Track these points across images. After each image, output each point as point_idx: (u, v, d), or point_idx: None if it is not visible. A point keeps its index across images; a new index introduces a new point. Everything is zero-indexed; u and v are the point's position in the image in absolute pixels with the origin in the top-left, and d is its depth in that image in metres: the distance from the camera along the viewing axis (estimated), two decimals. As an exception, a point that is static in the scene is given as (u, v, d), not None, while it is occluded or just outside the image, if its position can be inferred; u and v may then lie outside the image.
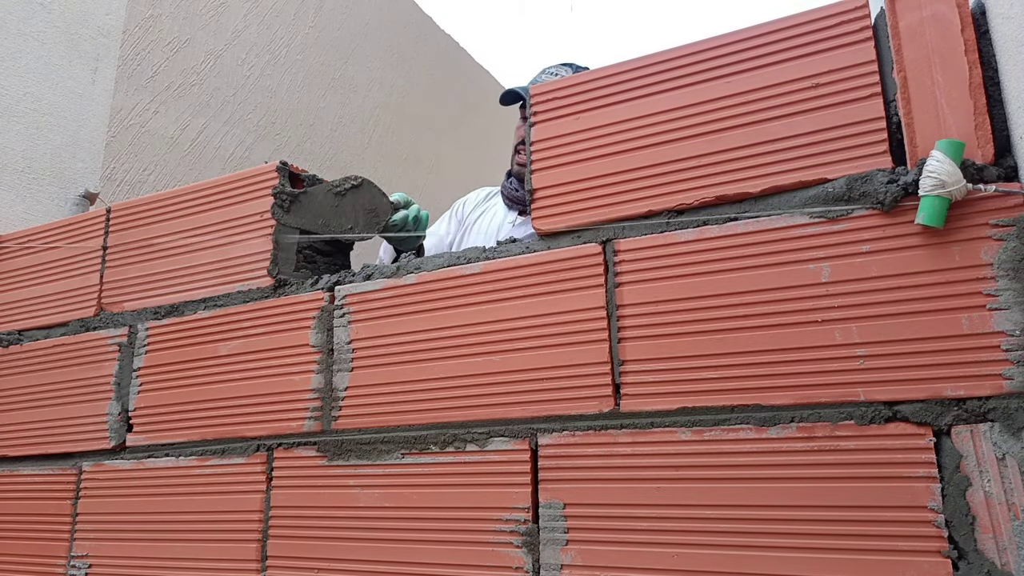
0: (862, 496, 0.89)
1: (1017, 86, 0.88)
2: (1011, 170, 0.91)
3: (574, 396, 1.08)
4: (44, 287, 1.71)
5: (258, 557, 1.28)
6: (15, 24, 2.05)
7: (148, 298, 1.54)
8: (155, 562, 1.38)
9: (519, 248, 1.19)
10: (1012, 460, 0.83)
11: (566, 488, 1.06)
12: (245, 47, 3.04)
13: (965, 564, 0.84)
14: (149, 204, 1.60)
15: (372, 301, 1.28)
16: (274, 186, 1.44)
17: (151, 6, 2.63)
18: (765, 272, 1.00)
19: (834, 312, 0.95)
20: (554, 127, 1.20)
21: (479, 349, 1.16)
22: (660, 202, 1.09)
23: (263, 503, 1.30)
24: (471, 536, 1.11)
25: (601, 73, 1.18)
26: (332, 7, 3.57)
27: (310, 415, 1.29)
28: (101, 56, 2.25)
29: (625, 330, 1.07)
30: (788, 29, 1.05)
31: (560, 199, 1.17)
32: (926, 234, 0.92)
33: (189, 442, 1.41)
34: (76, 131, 2.15)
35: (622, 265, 1.09)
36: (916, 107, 0.95)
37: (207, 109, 2.83)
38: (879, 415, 0.91)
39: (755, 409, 0.97)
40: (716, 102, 1.08)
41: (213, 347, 1.42)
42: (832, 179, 0.98)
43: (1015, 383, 0.85)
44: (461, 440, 1.15)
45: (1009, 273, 0.87)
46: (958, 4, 0.95)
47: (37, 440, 1.60)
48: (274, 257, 1.41)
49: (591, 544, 1.03)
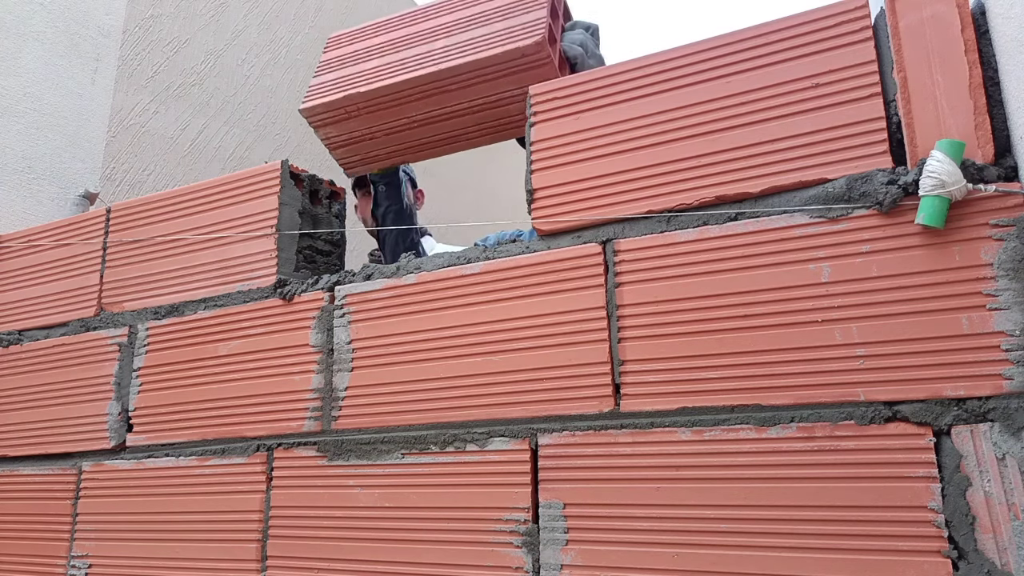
0: (862, 496, 0.89)
1: (1017, 86, 0.89)
2: (1011, 170, 0.91)
3: (574, 396, 1.08)
4: (44, 287, 1.71)
5: (258, 557, 1.28)
6: (15, 24, 2.05)
7: (148, 298, 1.54)
8: (155, 562, 1.38)
9: (519, 248, 1.19)
10: (1012, 460, 0.83)
11: (566, 488, 1.06)
12: (245, 47, 3.04)
13: (965, 564, 0.84)
14: (149, 204, 1.60)
15: (372, 301, 1.28)
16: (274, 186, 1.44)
17: (151, 6, 2.63)
18: (765, 272, 1.00)
19: (834, 312, 0.95)
20: (554, 127, 1.20)
21: (479, 349, 1.17)
22: (660, 202, 1.09)
23: (263, 503, 1.30)
24: (471, 536, 1.11)
25: (601, 73, 1.18)
26: (332, 7, 3.57)
27: (310, 415, 1.29)
28: (101, 56, 2.25)
29: (625, 330, 1.07)
30: (788, 29, 1.05)
31: (560, 199, 1.17)
32: (926, 234, 0.92)
33: (189, 442, 1.41)
34: (76, 131, 2.15)
35: (622, 265, 1.09)
36: (916, 107, 0.95)
37: (207, 109, 2.83)
38: (879, 415, 0.91)
39: (755, 409, 0.97)
40: (716, 102, 1.08)
41: (213, 347, 1.42)
42: (832, 179, 0.99)
43: (1015, 383, 0.85)
44: (461, 440, 1.15)
45: (1009, 273, 0.87)
46: (958, 4, 0.95)
47: (37, 440, 1.60)
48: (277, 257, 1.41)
49: (591, 544, 1.03)
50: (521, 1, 1.36)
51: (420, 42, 1.41)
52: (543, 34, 1.24)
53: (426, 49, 1.38)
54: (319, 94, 1.44)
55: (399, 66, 1.39)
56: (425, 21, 1.45)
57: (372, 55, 1.45)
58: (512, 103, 1.40)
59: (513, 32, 1.32)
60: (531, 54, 1.27)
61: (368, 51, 1.46)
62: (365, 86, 1.39)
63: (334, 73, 1.46)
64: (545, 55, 1.26)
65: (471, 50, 1.34)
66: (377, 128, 1.45)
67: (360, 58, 1.46)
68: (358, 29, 1.53)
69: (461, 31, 1.38)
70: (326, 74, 1.48)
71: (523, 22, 1.32)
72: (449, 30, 1.40)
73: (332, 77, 1.46)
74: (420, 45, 1.40)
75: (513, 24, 1.33)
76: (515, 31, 1.32)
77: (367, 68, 1.42)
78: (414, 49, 1.40)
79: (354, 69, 1.44)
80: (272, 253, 1.41)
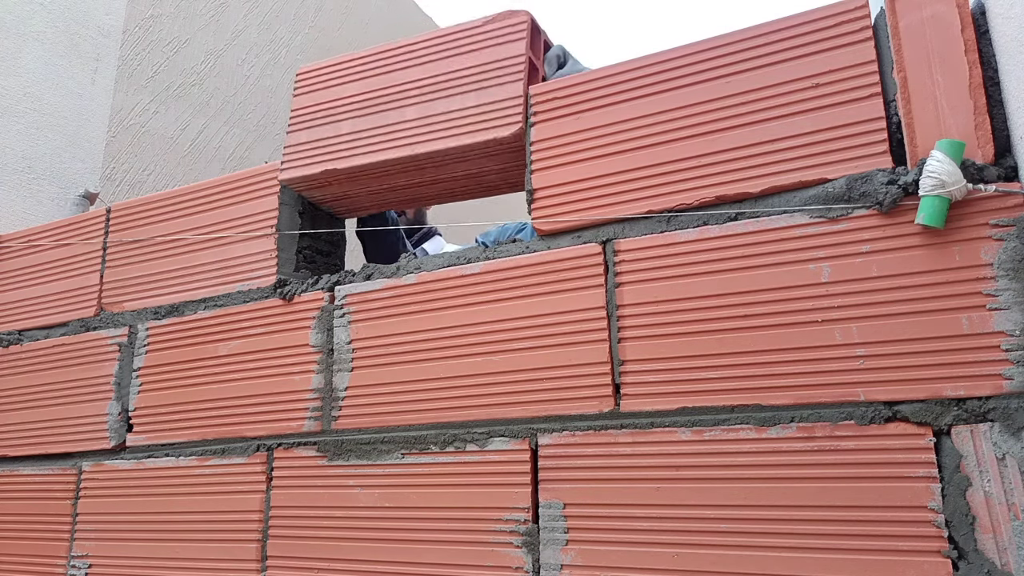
0: (862, 496, 0.89)
1: (1017, 86, 0.88)
2: (1011, 170, 0.91)
3: (574, 396, 1.08)
4: (44, 287, 1.71)
5: (258, 557, 1.28)
6: (15, 24, 2.05)
7: (148, 298, 1.54)
8: (155, 562, 1.38)
9: (519, 248, 1.19)
10: (1012, 460, 0.83)
11: (566, 488, 1.06)
12: (245, 47, 3.04)
13: (965, 564, 0.84)
14: (149, 204, 1.60)
15: (372, 301, 1.28)
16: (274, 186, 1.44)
17: (151, 6, 2.63)
18: (765, 272, 1.00)
19: (834, 312, 0.95)
20: (554, 127, 1.20)
21: (479, 349, 1.17)
22: (660, 202, 1.09)
23: (263, 503, 1.30)
24: (471, 536, 1.11)
25: (601, 73, 1.18)
26: (332, 7, 3.57)
27: (310, 415, 1.29)
28: (101, 56, 2.25)
29: (625, 330, 1.07)
30: (788, 29, 1.05)
31: (560, 199, 1.17)
32: (926, 234, 0.92)
33: (189, 442, 1.41)
34: (76, 131, 2.15)
35: (622, 265, 1.09)
36: (916, 107, 0.95)
37: (207, 109, 2.83)
38: (879, 415, 0.91)
39: (755, 409, 0.97)
40: (716, 102, 1.08)
41: (213, 347, 1.42)
42: (832, 179, 0.99)
43: (1015, 383, 0.85)
44: (461, 440, 1.15)
45: (1009, 273, 0.87)
46: (958, 4, 0.95)
47: (37, 440, 1.60)
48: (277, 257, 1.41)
49: (591, 544, 1.03)
50: (498, 59, 1.27)
51: (393, 103, 1.34)
52: (520, 124, 1.19)
53: (398, 121, 1.32)
54: (297, 161, 1.39)
55: (373, 138, 1.34)
56: (396, 68, 1.37)
57: (345, 112, 1.39)
58: (497, 174, 1.36)
59: (488, 115, 1.24)
60: (509, 142, 1.23)
61: (341, 106, 1.40)
62: (343, 162, 1.33)
63: (308, 132, 1.41)
64: (521, 143, 1.22)
65: (446, 130, 1.27)
66: (361, 191, 1.43)
67: (333, 114, 1.40)
68: (329, 66, 1.45)
69: (434, 95, 1.30)
70: (300, 130, 1.43)
71: (499, 99, 1.24)
72: (421, 91, 1.32)
73: (307, 139, 1.41)
74: (393, 108, 1.33)
75: (488, 102, 1.25)
76: (491, 112, 1.24)
77: (342, 134, 1.37)
78: (387, 114, 1.34)
79: (328, 131, 1.39)
80: (272, 253, 1.41)
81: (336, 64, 1.44)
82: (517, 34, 1.26)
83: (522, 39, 1.25)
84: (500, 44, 1.26)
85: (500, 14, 1.28)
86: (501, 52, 1.26)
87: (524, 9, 1.27)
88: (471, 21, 1.31)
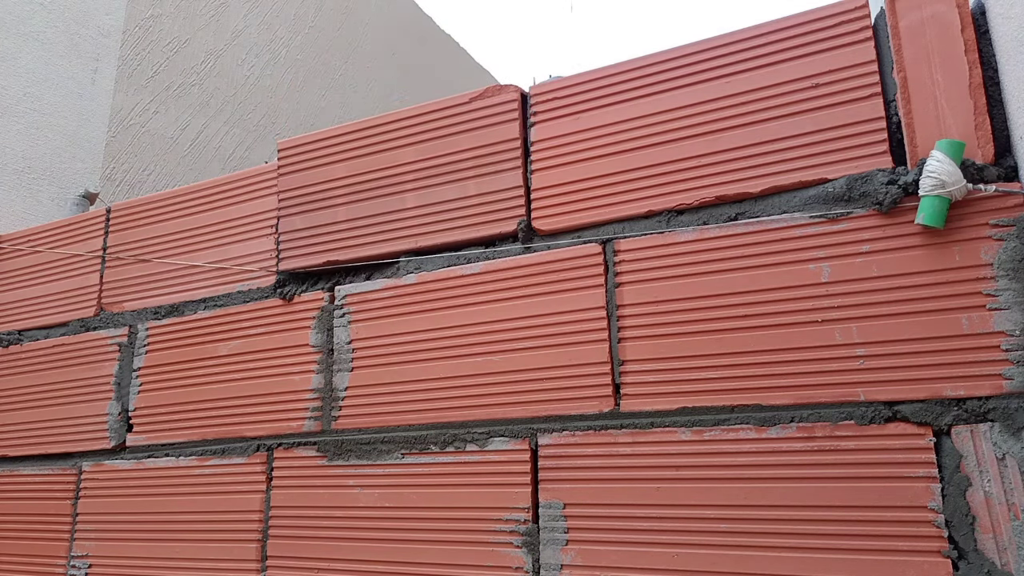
0: (862, 496, 0.89)
1: (1017, 86, 0.88)
2: (1011, 170, 0.91)
3: (574, 396, 1.08)
4: (44, 287, 1.71)
5: (258, 557, 1.28)
6: (15, 24, 2.05)
7: (148, 298, 1.54)
8: (155, 562, 1.38)
9: (519, 248, 1.19)
10: (1012, 460, 0.83)
11: (566, 488, 1.06)
12: (245, 47, 3.04)
13: (965, 564, 0.84)
14: (149, 204, 1.60)
15: (372, 301, 1.28)
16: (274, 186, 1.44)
17: (151, 6, 2.63)
18: (765, 272, 1.00)
19: (834, 312, 0.95)
20: (554, 127, 1.20)
21: (479, 349, 1.17)
22: (660, 202, 1.09)
23: (263, 503, 1.30)
24: (471, 536, 1.11)
25: (601, 73, 1.18)
26: (332, 7, 3.57)
27: (310, 415, 1.29)
28: (101, 56, 2.25)
29: (625, 330, 1.07)
30: (788, 29, 1.05)
31: (560, 199, 1.17)
32: (926, 234, 0.92)
33: (189, 442, 1.41)
34: (76, 131, 2.15)
35: (622, 265, 1.09)
36: (916, 107, 0.95)
37: (207, 109, 2.83)
38: (879, 415, 0.91)
39: (755, 409, 0.97)
40: (716, 102, 1.08)
41: (213, 347, 1.42)
42: (832, 179, 0.99)
43: (1015, 383, 0.85)
44: (461, 440, 1.15)
45: (1009, 273, 0.87)
46: (958, 4, 0.95)
47: (37, 440, 1.60)
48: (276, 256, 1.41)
49: (591, 544, 1.03)
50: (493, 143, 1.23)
51: (390, 188, 1.30)
52: (523, 215, 1.16)
53: (398, 209, 1.29)
54: (295, 251, 1.36)
55: (373, 228, 1.30)
56: (388, 148, 1.32)
57: (340, 196, 1.34)
58: None
59: (491, 207, 1.21)
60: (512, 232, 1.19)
61: (335, 189, 1.35)
62: (343, 253, 1.32)
63: (303, 218, 1.37)
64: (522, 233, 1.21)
65: (449, 222, 1.24)
66: None
67: (327, 198, 1.36)
68: (315, 142, 1.39)
69: (432, 180, 1.27)
70: (294, 215, 1.38)
71: (500, 188, 1.21)
72: (417, 176, 1.28)
73: (303, 226, 1.37)
74: (391, 195, 1.30)
75: (489, 191, 1.22)
76: (493, 204, 1.21)
77: (339, 222, 1.33)
78: (386, 200, 1.30)
79: (325, 218, 1.35)
80: (272, 253, 1.41)
81: (322, 140, 1.40)
82: (509, 113, 1.23)
83: (515, 120, 1.23)
84: (493, 125, 1.24)
85: (489, 89, 1.25)
86: (496, 134, 1.24)
87: (514, 85, 1.25)
88: (460, 96, 1.28)
